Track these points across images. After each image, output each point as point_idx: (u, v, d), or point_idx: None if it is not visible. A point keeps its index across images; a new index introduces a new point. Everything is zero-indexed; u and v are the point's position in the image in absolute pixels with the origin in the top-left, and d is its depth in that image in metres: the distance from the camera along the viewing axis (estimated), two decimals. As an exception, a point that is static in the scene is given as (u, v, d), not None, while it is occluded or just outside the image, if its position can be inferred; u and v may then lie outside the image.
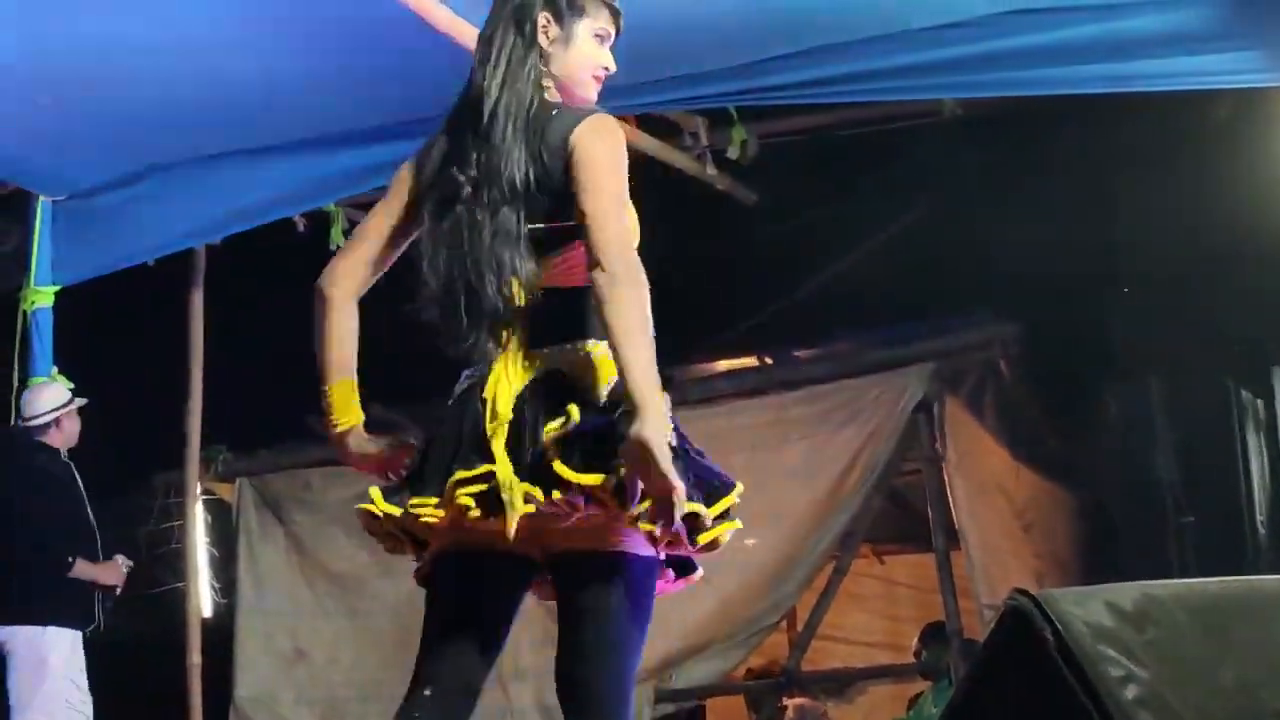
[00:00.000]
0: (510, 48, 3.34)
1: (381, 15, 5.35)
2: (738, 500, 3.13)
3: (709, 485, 3.11)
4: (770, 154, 7.83)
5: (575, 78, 3.39)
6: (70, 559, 7.01)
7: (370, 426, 3.48)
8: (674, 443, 3.03)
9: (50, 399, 7.08)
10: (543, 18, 3.35)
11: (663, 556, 3.19)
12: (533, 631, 8.53)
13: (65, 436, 7.21)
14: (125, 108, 6.22)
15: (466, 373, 3.33)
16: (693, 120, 7.56)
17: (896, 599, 11.54)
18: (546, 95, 3.33)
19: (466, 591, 3.26)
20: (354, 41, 5.77)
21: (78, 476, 7.26)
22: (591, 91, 3.43)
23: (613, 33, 3.45)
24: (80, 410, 7.25)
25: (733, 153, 7.63)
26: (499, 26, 3.38)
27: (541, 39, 3.35)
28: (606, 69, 3.44)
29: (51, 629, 6.97)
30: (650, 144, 7.29)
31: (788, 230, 8.47)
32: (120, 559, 7.30)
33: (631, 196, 3.30)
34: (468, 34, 5.48)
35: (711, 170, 7.81)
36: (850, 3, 5.48)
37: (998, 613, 2.95)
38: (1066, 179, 8.25)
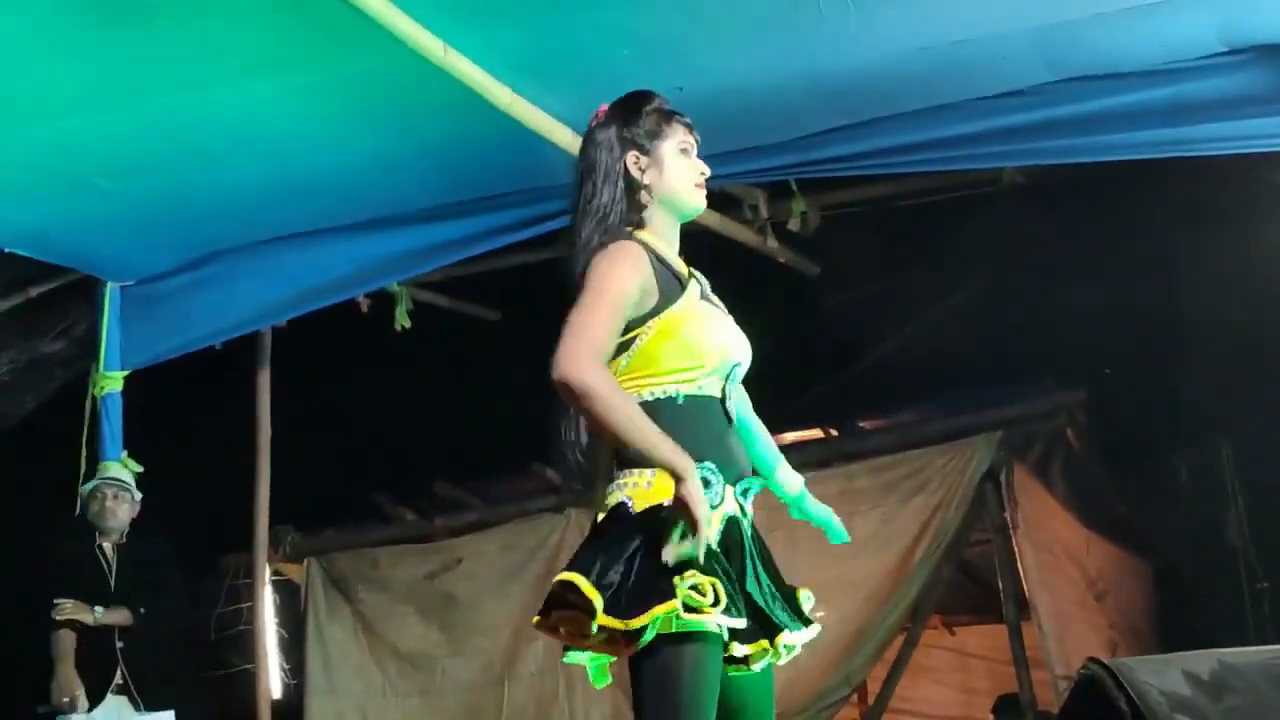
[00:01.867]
0: (602, 197, 3.54)
1: (443, 97, 5.39)
2: (676, 611, 3.17)
3: (644, 587, 3.19)
4: (831, 225, 7.83)
5: (679, 193, 3.61)
6: None
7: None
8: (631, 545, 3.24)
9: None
10: (630, 157, 3.57)
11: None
12: (601, 708, 8.53)
13: None
14: (191, 193, 6.29)
15: None
16: (753, 193, 7.57)
17: (968, 670, 11.43)
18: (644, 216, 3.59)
19: None
20: (416, 123, 5.81)
21: None
22: (699, 199, 3.65)
23: (694, 144, 3.65)
24: (144, 491, 7.37)
25: (793, 225, 7.63)
26: (590, 175, 3.59)
27: (635, 174, 3.57)
28: (704, 174, 3.65)
29: None
30: (712, 218, 7.29)
31: (850, 301, 8.46)
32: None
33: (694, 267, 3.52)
34: (525, 113, 5.55)
35: (773, 242, 7.81)
36: (907, 74, 5.49)
37: (1071, 683, 2.92)
38: (1129, 243, 8.21)
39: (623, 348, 3.42)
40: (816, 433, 9.26)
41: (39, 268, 7.24)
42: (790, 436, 9.07)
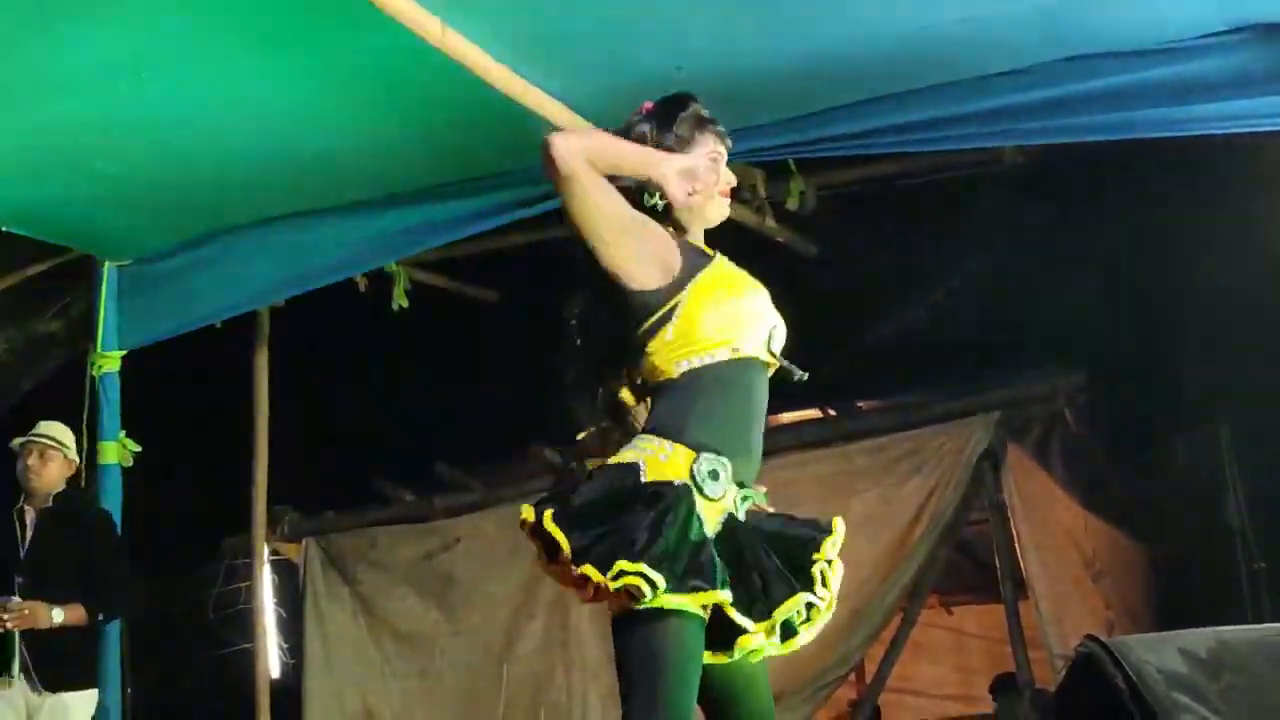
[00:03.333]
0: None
1: (441, 77, 5.38)
2: (646, 573, 3.20)
3: (625, 541, 3.23)
4: (829, 205, 7.82)
5: (704, 202, 3.67)
6: None
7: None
8: (627, 482, 3.33)
9: None
10: None
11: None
12: (599, 687, 8.54)
13: None
14: (188, 173, 6.28)
15: None
16: (751, 173, 7.56)
17: (966, 650, 11.46)
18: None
19: None
20: (414, 103, 5.81)
21: None
22: (722, 209, 3.75)
23: (724, 152, 3.72)
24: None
25: (791, 204, 7.61)
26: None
27: None
28: (730, 184, 3.73)
29: None
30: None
31: (849, 281, 8.45)
32: None
33: None
34: (522, 91, 5.54)
35: (771, 222, 7.81)
36: (907, 52, 5.47)
37: (1069, 662, 2.92)
38: (1130, 225, 8.21)
39: (665, 319, 3.48)
40: (815, 413, 9.27)
41: (36, 247, 7.23)
42: (788, 416, 9.08)
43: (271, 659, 8.55)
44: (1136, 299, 8.35)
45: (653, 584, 3.17)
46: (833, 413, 9.22)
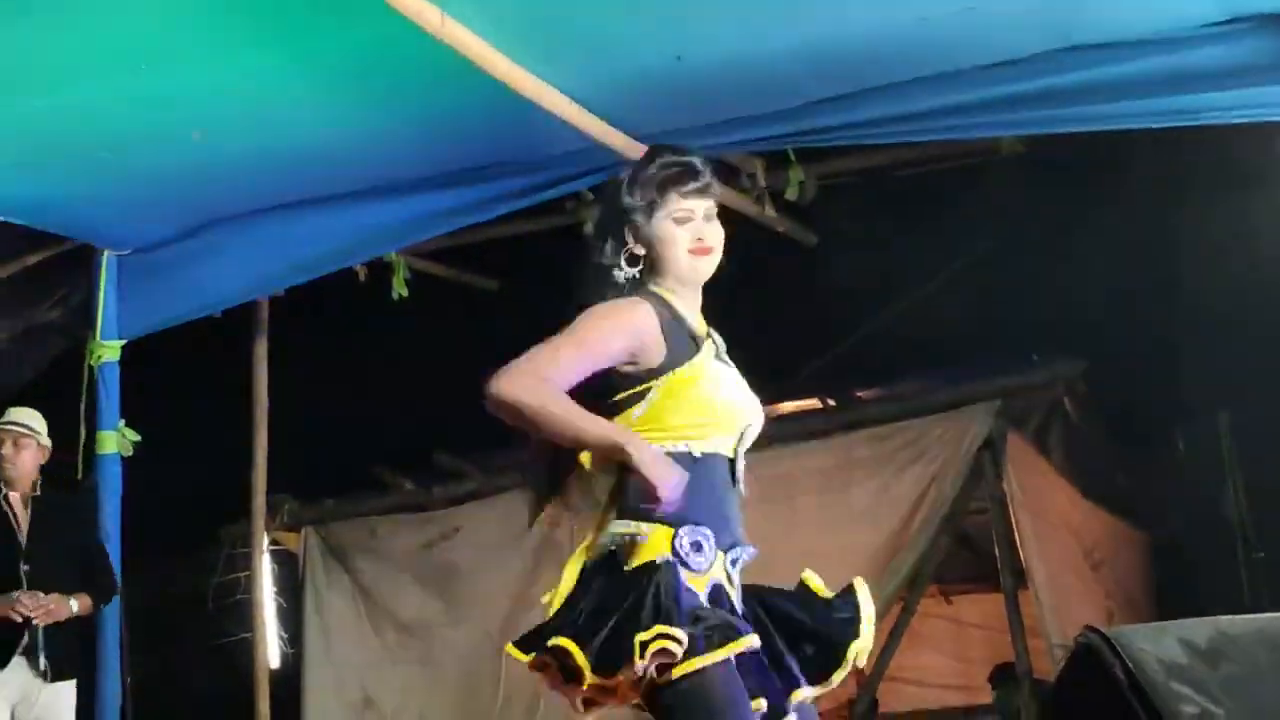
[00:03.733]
0: (599, 267, 3.57)
1: (440, 67, 5.38)
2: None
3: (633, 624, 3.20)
4: (829, 195, 7.82)
5: (674, 263, 3.55)
6: None
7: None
8: (674, 589, 3.23)
9: None
10: (629, 230, 3.56)
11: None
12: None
13: None
14: (188, 163, 6.27)
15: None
16: (751, 162, 7.55)
17: (965, 639, 11.46)
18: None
19: None
20: (413, 93, 5.80)
21: None
22: (693, 267, 3.57)
23: (695, 207, 3.57)
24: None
25: (791, 194, 7.61)
26: (598, 232, 3.64)
27: (634, 248, 3.56)
28: (700, 240, 3.56)
29: None
30: (709, 187, 7.27)
31: (848, 271, 8.44)
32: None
33: None
34: (522, 81, 5.54)
35: (770, 212, 7.80)
36: (907, 43, 5.47)
37: (1068, 651, 2.92)
38: (1129, 215, 8.20)
39: (635, 399, 3.45)
40: (814, 403, 9.28)
41: (35, 237, 7.22)
42: (788, 407, 9.09)
43: (271, 648, 8.55)
44: (1137, 287, 8.34)
45: (678, 640, 3.13)
46: (832, 402, 9.22)
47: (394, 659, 9.46)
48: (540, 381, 3.32)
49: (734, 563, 3.45)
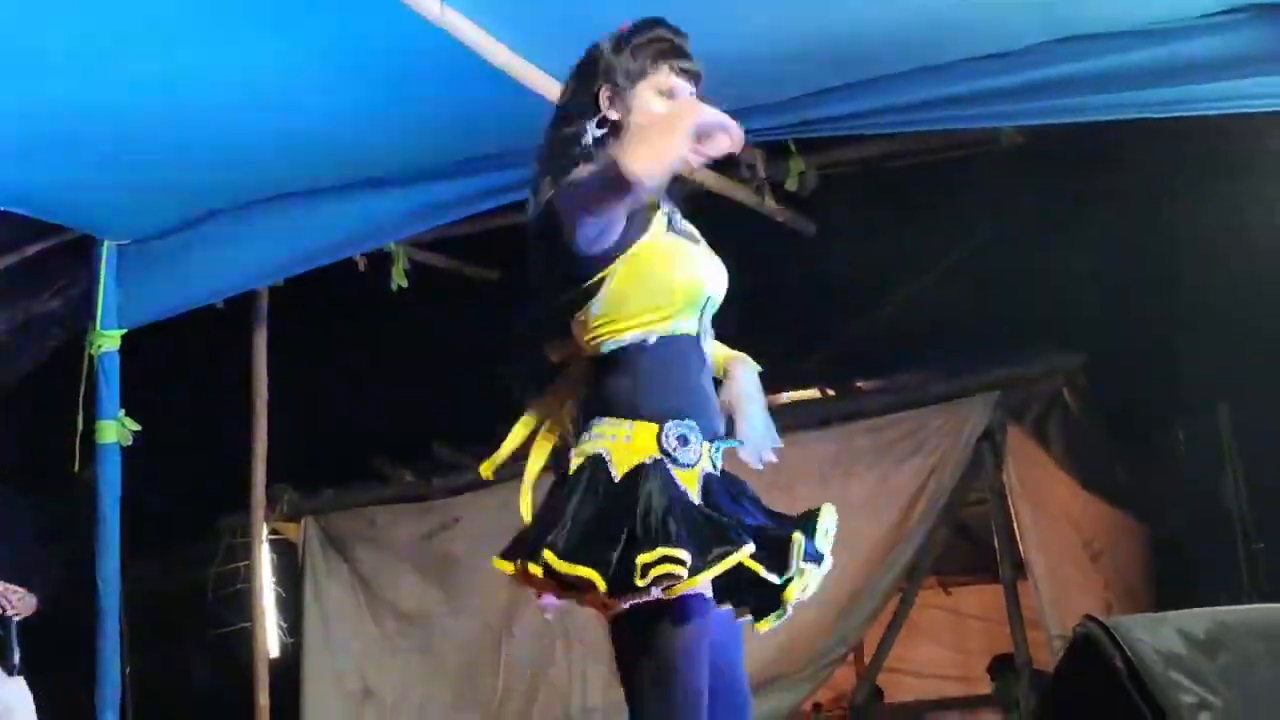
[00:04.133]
0: (565, 136, 3.48)
1: (439, 56, 5.37)
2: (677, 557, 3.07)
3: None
4: (829, 185, 7.81)
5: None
6: None
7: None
8: (668, 497, 3.14)
9: None
10: (605, 90, 3.47)
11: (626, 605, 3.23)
12: (598, 665, 8.55)
13: None
14: (187, 152, 6.26)
15: None
16: (751, 152, 7.55)
17: (964, 630, 11.48)
18: None
19: None
20: (413, 82, 5.79)
21: None
22: None
23: (681, 85, 3.51)
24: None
25: (791, 184, 7.60)
26: (562, 99, 3.57)
27: (608, 112, 3.46)
28: None
29: None
30: (708, 177, 7.28)
31: (848, 261, 8.45)
32: None
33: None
34: (522, 70, 5.53)
35: (770, 202, 7.79)
36: (902, 33, 5.46)
37: (1067, 642, 2.92)
38: (1129, 207, 8.21)
39: (590, 293, 3.36)
40: (814, 393, 9.29)
41: (34, 226, 7.21)
42: (787, 397, 9.09)
43: (270, 638, 8.55)
44: (1137, 280, 8.34)
45: (681, 561, 3.03)
46: (831, 393, 9.23)
47: (394, 649, 9.46)
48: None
49: (718, 450, 3.36)
